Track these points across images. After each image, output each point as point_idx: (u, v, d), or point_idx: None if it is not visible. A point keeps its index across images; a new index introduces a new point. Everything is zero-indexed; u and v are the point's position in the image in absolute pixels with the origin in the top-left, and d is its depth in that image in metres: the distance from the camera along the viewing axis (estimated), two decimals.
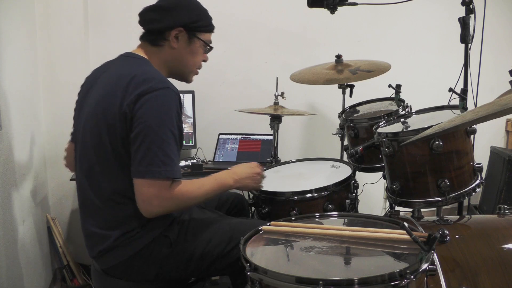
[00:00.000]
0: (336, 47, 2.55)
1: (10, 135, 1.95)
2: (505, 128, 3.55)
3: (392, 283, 0.99)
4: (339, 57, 2.40)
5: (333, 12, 2.14)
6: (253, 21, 2.94)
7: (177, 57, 1.57)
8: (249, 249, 1.22)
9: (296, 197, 1.66)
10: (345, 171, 1.85)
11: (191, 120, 2.72)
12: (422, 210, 1.62)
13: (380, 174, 1.98)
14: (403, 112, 1.95)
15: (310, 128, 3.16)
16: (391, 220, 1.34)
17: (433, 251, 1.08)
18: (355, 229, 1.28)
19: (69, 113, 2.55)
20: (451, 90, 1.82)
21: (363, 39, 3.12)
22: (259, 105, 2.42)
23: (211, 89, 2.88)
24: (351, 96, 2.52)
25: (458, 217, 1.63)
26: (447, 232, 1.38)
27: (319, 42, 3.06)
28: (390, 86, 2.13)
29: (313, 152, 3.11)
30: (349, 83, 2.50)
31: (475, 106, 2.12)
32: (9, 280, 1.80)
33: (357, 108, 2.32)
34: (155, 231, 1.48)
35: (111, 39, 2.73)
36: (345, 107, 2.40)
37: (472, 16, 1.85)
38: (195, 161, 2.61)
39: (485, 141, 3.30)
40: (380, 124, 1.88)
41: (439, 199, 1.58)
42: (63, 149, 2.59)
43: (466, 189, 1.60)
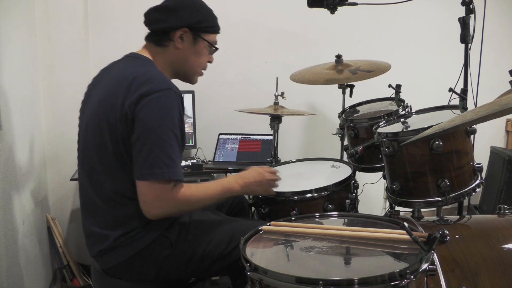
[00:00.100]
0: (336, 47, 2.55)
1: (10, 135, 1.95)
2: (505, 128, 3.55)
3: (392, 283, 0.99)
4: (339, 57, 2.40)
5: (333, 12, 2.15)
6: (253, 21, 2.94)
7: (181, 58, 1.56)
8: (249, 249, 1.22)
9: (296, 197, 1.66)
10: (345, 171, 1.85)
11: (191, 120, 2.72)
12: (422, 210, 1.62)
13: (380, 174, 1.98)
14: (403, 112, 1.95)
15: (310, 128, 3.16)
16: (391, 220, 1.34)
17: (433, 251, 1.08)
18: (355, 229, 1.28)
19: (69, 113, 2.58)
20: (451, 90, 1.82)
21: (363, 39, 3.12)
22: (259, 105, 2.42)
23: (211, 89, 2.88)
24: (351, 96, 2.52)
25: (458, 217, 1.63)
26: (447, 232, 1.38)
27: (319, 42, 3.06)
28: (390, 86, 2.13)
29: (313, 152, 3.11)
30: (349, 83, 2.50)
31: (475, 106, 2.12)
32: (9, 280, 1.80)
33: (357, 108, 2.32)
34: (155, 232, 1.47)
35: (111, 39, 2.73)
36: (345, 107, 2.40)
37: (472, 16, 1.85)
38: (195, 161, 2.61)
39: (485, 141, 3.30)
40: (380, 124, 1.88)
41: (439, 199, 1.58)
42: (63, 149, 2.61)
43: (466, 189, 1.60)
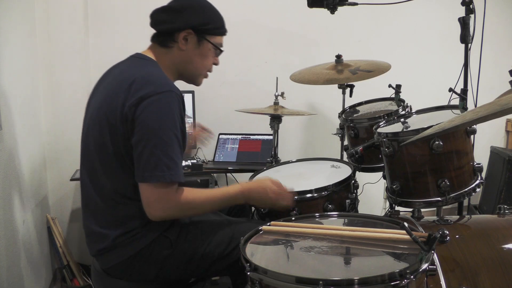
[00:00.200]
0: (336, 47, 2.55)
1: (10, 135, 1.95)
2: (505, 128, 3.55)
3: (392, 283, 0.99)
4: (339, 57, 2.40)
5: (333, 12, 2.14)
6: (253, 21, 2.94)
7: (185, 59, 1.55)
8: (249, 249, 1.22)
9: (296, 197, 1.65)
10: (345, 171, 1.85)
11: (191, 120, 2.72)
12: (422, 210, 1.62)
13: (380, 174, 1.98)
14: (403, 112, 1.95)
15: (310, 128, 3.16)
16: (391, 220, 1.34)
17: (433, 251, 1.08)
18: (355, 229, 1.28)
19: (69, 113, 2.58)
20: (451, 90, 1.82)
21: (363, 39, 3.12)
22: (259, 105, 2.42)
23: (211, 89, 2.88)
24: (351, 96, 2.52)
25: (458, 217, 1.63)
26: (447, 232, 1.38)
27: (319, 42, 3.06)
28: (390, 86, 2.13)
29: (313, 152, 3.11)
30: (349, 83, 2.51)
31: (475, 106, 2.12)
32: (9, 280, 1.80)
33: (357, 108, 2.32)
34: (155, 232, 1.47)
35: (111, 39, 2.73)
36: (345, 107, 2.39)
37: (472, 16, 1.85)
38: (195, 161, 2.61)
39: (485, 141, 3.30)
40: (380, 124, 1.88)
41: (439, 199, 1.58)
42: (63, 149, 2.61)
43: (466, 189, 1.60)
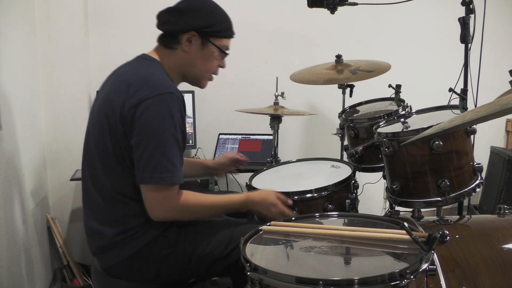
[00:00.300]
0: (336, 47, 2.55)
1: (10, 135, 1.95)
2: (505, 128, 3.55)
3: (392, 283, 0.99)
4: (339, 57, 2.40)
5: (333, 12, 2.14)
6: (253, 21, 2.94)
7: (189, 62, 1.55)
8: (249, 249, 1.22)
9: (296, 197, 1.65)
10: (345, 171, 1.85)
11: (191, 120, 2.72)
12: (422, 210, 1.62)
13: (380, 174, 1.98)
14: (403, 112, 1.95)
15: (310, 128, 3.16)
16: (391, 220, 1.34)
17: (433, 251, 1.08)
18: (355, 229, 1.28)
19: (69, 113, 2.58)
20: (451, 90, 1.82)
21: (363, 39, 3.12)
22: (259, 105, 2.42)
23: (211, 89, 2.84)
24: (351, 96, 2.52)
25: (458, 217, 1.63)
26: (447, 232, 1.38)
27: (319, 42, 3.06)
28: (390, 86, 2.13)
29: (313, 152, 3.11)
30: (349, 83, 2.50)
31: (475, 106, 2.12)
32: (9, 280, 1.80)
33: (357, 108, 2.32)
34: (154, 231, 1.48)
35: (111, 39, 2.74)
36: (345, 107, 2.39)
37: (472, 16, 1.85)
38: None
39: (485, 141, 3.30)
40: (380, 124, 1.88)
41: (439, 199, 1.58)
42: (63, 149, 2.61)
43: (466, 189, 1.60)
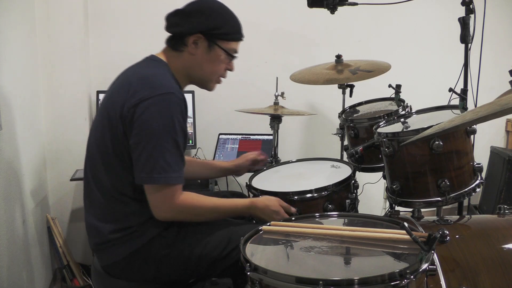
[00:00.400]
0: (336, 47, 2.55)
1: (10, 135, 1.95)
2: (505, 128, 3.56)
3: (392, 283, 0.99)
4: (339, 57, 2.41)
5: (333, 12, 2.15)
6: (253, 21, 2.93)
7: (196, 64, 1.54)
8: (249, 249, 1.22)
9: (296, 197, 1.65)
10: (345, 171, 1.85)
11: (191, 120, 2.72)
12: (422, 210, 1.62)
13: (380, 174, 1.98)
14: (403, 112, 1.95)
15: (310, 128, 3.16)
16: (391, 220, 1.34)
17: (433, 251, 1.08)
18: (355, 229, 1.28)
19: (69, 113, 2.58)
20: (451, 90, 1.82)
21: (363, 39, 3.12)
22: (259, 105, 2.42)
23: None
24: (351, 96, 2.52)
25: (458, 217, 1.63)
26: (447, 232, 1.38)
27: (319, 42, 3.06)
28: (390, 86, 2.13)
29: (313, 152, 3.11)
30: (349, 83, 2.51)
31: (475, 106, 2.12)
32: (9, 280, 1.80)
33: (357, 108, 2.32)
34: (153, 231, 1.48)
35: (111, 39, 2.74)
36: (345, 107, 2.39)
37: (472, 16, 1.85)
38: None
39: (485, 141, 3.30)
40: (380, 124, 1.88)
41: (439, 199, 1.58)
42: (63, 149, 2.61)
43: (466, 189, 1.60)
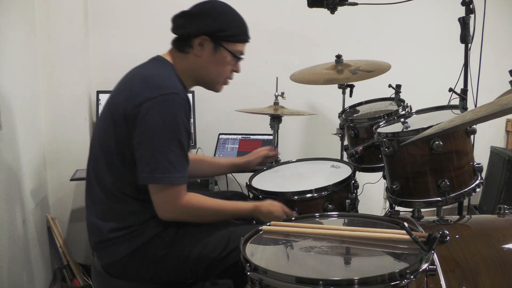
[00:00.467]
0: (336, 47, 2.55)
1: (10, 135, 1.95)
2: (505, 128, 3.56)
3: (392, 283, 0.99)
4: (339, 57, 2.41)
5: (333, 12, 2.15)
6: (253, 21, 2.89)
7: (201, 66, 1.54)
8: (249, 249, 1.22)
9: (296, 197, 1.65)
10: (345, 171, 1.85)
11: (191, 120, 2.72)
12: (422, 210, 1.62)
13: (380, 174, 1.98)
14: (403, 112, 1.95)
15: (310, 128, 3.16)
16: (391, 220, 1.34)
17: (433, 251, 1.08)
18: (355, 229, 1.28)
19: (69, 113, 2.58)
20: (451, 90, 1.82)
21: (363, 39, 3.12)
22: (259, 105, 2.42)
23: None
24: (351, 96, 2.52)
25: (458, 217, 1.63)
26: (447, 232, 1.38)
27: (319, 42, 3.06)
28: (390, 86, 2.13)
29: (313, 152, 3.11)
30: (349, 83, 2.51)
31: (475, 106, 2.12)
32: (9, 280, 1.80)
33: (357, 108, 2.32)
34: (152, 231, 1.48)
35: (111, 39, 2.74)
36: (345, 107, 2.39)
37: (472, 16, 1.85)
38: None
39: (485, 141, 3.30)
40: (380, 124, 1.88)
41: (439, 199, 1.58)
42: (63, 149, 2.61)
43: (466, 189, 1.60)
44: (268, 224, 1.36)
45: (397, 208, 1.77)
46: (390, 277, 0.99)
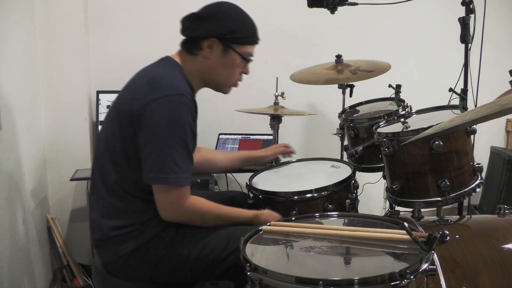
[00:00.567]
0: (336, 47, 2.55)
1: (10, 135, 1.95)
2: (505, 128, 3.56)
3: (392, 283, 0.99)
4: (339, 57, 2.41)
5: (333, 12, 2.15)
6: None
7: (210, 68, 1.54)
8: (249, 249, 1.22)
9: (296, 197, 1.65)
10: (345, 171, 1.85)
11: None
12: (422, 210, 1.62)
13: (380, 174, 1.98)
14: (403, 112, 1.95)
15: (310, 128, 3.16)
16: (391, 220, 1.34)
17: (433, 251, 1.08)
18: (355, 229, 1.28)
19: (69, 113, 2.58)
20: (451, 90, 1.82)
21: (363, 39, 3.12)
22: (259, 105, 2.42)
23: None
24: (351, 96, 2.52)
25: (458, 217, 1.63)
26: (447, 232, 1.38)
27: (319, 42, 3.06)
28: (390, 86, 2.13)
29: (313, 152, 3.11)
30: (349, 83, 2.51)
31: (475, 106, 2.12)
32: (10, 280, 1.80)
33: (357, 108, 2.32)
34: (152, 231, 1.48)
35: (111, 39, 2.73)
36: (345, 107, 2.40)
37: (472, 16, 1.85)
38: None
39: (485, 141, 3.30)
40: (380, 124, 1.88)
41: (439, 199, 1.58)
42: (63, 149, 2.61)
43: (466, 189, 1.60)
44: (268, 224, 1.36)
45: (397, 208, 1.77)
46: (390, 277, 0.99)
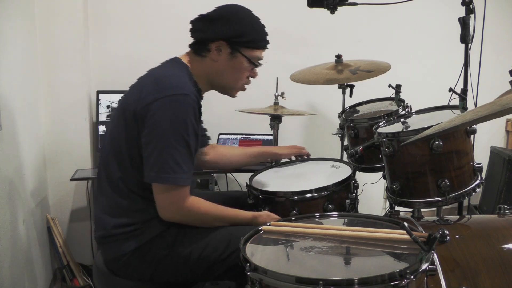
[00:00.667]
0: (336, 47, 2.55)
1: (10, 135, 1.95)
2: (505, 128, 3.56)
3: (392, 283, 0.99)
4: (339, 57, 2.41)
5: (333, 12, 2.15)
6: None
7: (217, 71, 1.54)
8: (249, 249, 1.22)
9: (296, 197, 1.65)
10: (345, 171, 1.84)
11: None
12: (422, 210, 1.62)
13: (380, 174, 1.98)
14: (403, 112, 1.95)
15: (310, 128, 3.16)
16: (391, 220, 1.34)
17: (433, 251, 1.08)
18: (355, 229, 1.28)
19: (69, 113, 2.58)
20: (451, 90, 1.82)
21: (363, 39, 3.12)
22: (259, 105, 2.42)
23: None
24: (351, 96, 2.52)
25: (458, 217, 1.63)
26: (447, 232, 1.38)
27: (319, 42, 3.06)
28: (390, 86, 2.13)
29: (313, 152, 3.09)
30: (349, 83, 2.51)
31: (475, 106, 2.12)
32: (10, 280, 1.80)
33: (357, 108, 2.32)
34: (153, 231, 1.48)
35: (111, 39, 2.74)
36: (345, 107, 2.39)
37: (472, 16, 1.85)
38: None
39: (485, 141, 3.30)
40: (380, 124, 1.88)
41: (439, 199, 1.58)
42: (63, 149, 2.62)
43: (466, 189, 1.60)
44: (268, 224, 1.36)
45: (397, 208, 1.77)
46: (390, 277, 0.99)
